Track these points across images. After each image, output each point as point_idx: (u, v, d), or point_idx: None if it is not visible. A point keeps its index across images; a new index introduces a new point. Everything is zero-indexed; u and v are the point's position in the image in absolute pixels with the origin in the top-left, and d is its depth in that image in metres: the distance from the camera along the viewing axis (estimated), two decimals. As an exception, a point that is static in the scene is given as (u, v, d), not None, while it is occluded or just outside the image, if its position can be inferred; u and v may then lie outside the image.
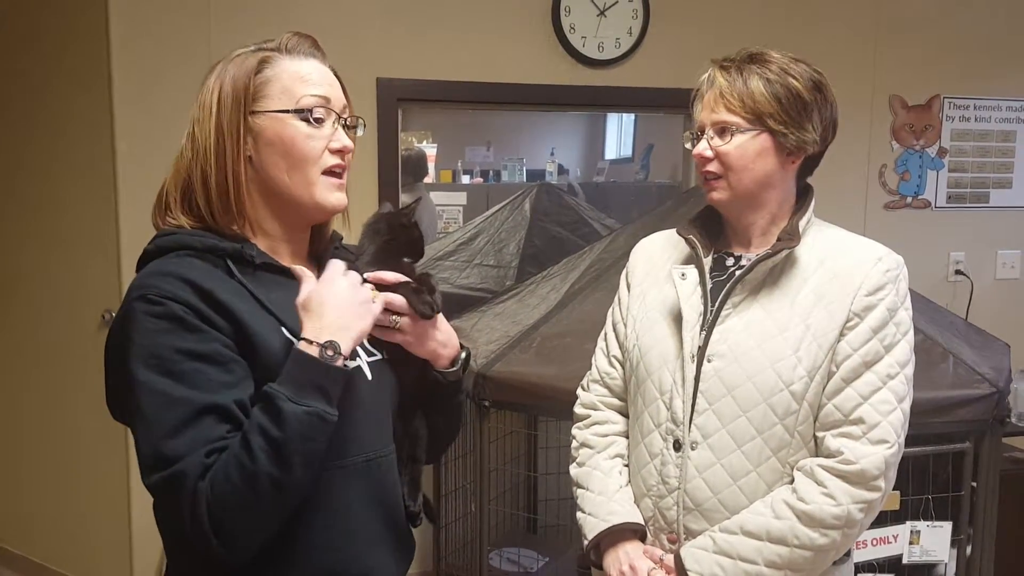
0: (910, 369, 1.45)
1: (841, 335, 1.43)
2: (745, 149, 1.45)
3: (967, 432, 2.29)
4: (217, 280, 1.14)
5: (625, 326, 1.63)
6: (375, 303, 1.21)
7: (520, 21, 3.25)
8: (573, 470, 1.67)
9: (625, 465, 1.61)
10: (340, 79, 1.27)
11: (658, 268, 1.61)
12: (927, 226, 3.80)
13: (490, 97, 3.28)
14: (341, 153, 1.23)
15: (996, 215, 3.90)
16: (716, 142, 1.47)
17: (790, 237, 1.47)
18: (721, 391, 1.45)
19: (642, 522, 1.55)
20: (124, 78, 2.92)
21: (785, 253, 1.46)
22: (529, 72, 3.26)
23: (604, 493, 1.58)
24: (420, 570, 3.07)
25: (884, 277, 1.44)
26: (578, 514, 1.62)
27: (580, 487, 1.63)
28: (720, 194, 1.49)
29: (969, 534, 2.37)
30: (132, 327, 1.10)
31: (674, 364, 1.50)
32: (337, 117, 1.23)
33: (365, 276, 1.24)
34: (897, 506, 2.30)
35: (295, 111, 1.19)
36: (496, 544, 2.96)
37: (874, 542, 2.35)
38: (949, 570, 2.40)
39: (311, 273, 1.20)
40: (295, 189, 1.21)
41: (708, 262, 1.53)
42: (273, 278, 1.21)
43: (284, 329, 1.17)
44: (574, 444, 1.69)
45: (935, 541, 2.38)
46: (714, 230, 1.58)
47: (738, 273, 1.49)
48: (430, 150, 6.38)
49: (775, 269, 1.48)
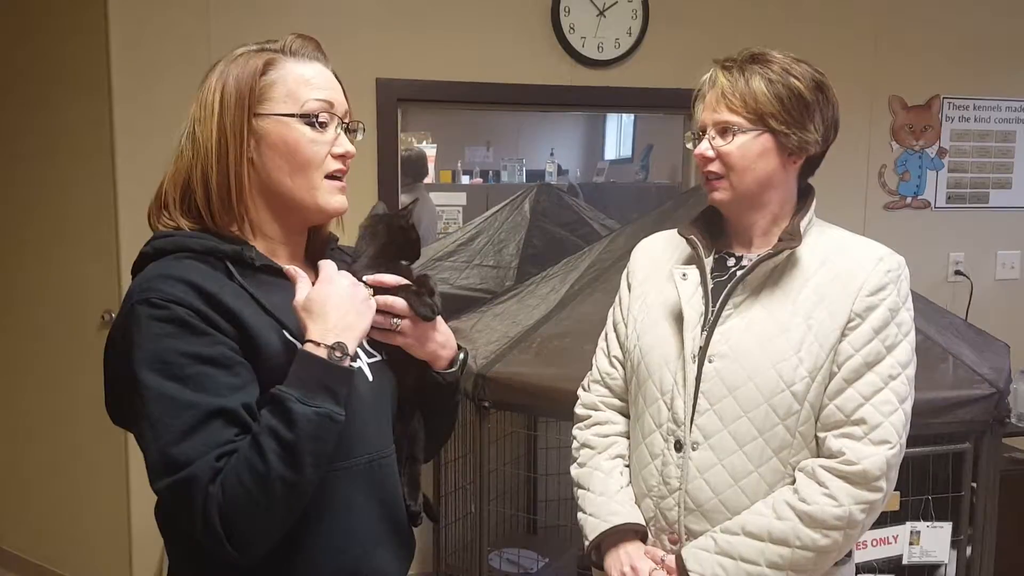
0: (912, 370, 1.45)
1: (843, 335, 1.43)
2: (747, 149, 1.45)
3: (967, 432, 2.29)
4: (218, 283, 1.13)
5: (626, 326, 1.63)
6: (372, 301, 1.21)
7: (520, 21, 3.25)
8: (574, 471, 1.66)
9: (626, 466, 1.61)
10: (341, 82, 1.27)
11: (659, 268, 1.61)
12: (927, 226, 3.80)
13: (490, 97, 3.28)
14: (343, 158, 1.23)
15: (996, 215, 3.90)
16: (718, 142, 1.47)
17: (791, 237, 1.47)
18: (722, 391, 1.45)
19: (643, 523, 1.54)
20: (124, 77, 2.91)
21: (787, 253, 1.46)
22: (529, 72, 3.26)
23: (605, 493, 1.57)
24: (420, 571, 3.06)
25: (886, 277, 1.44)
26: (579, 515, 1.62)
27: (581, 488, 1.63)
28: (722, 194, 1.49)
29: (969, 535, 2.37)
30: (136, 331, 1.09)
31: (675, 364, 1.50)
32: (340, 121, 1.23)
33: (365, 279, 1.24)
34: (897, 507, 2.29)
35: (300, 115, 1.19)
36: (496, 545, 2.96)
37: (874, 543, 2.34)
38: (949, 571, 2.40)
39: (304, 274, 1.20)
40: (297, 192, 1.21)
41: (709, 262, 1.53)
42: (272, 280, 1.20)
43: (285, 332, 1.17)
44: (575, 444, 1.68)
45: (935, 542, 2.37)
46: (715, 230, 1.58)
47: (739, 273, 1.49)
48: (430, 150, 6.37)
49: (776, 269, 1.48)
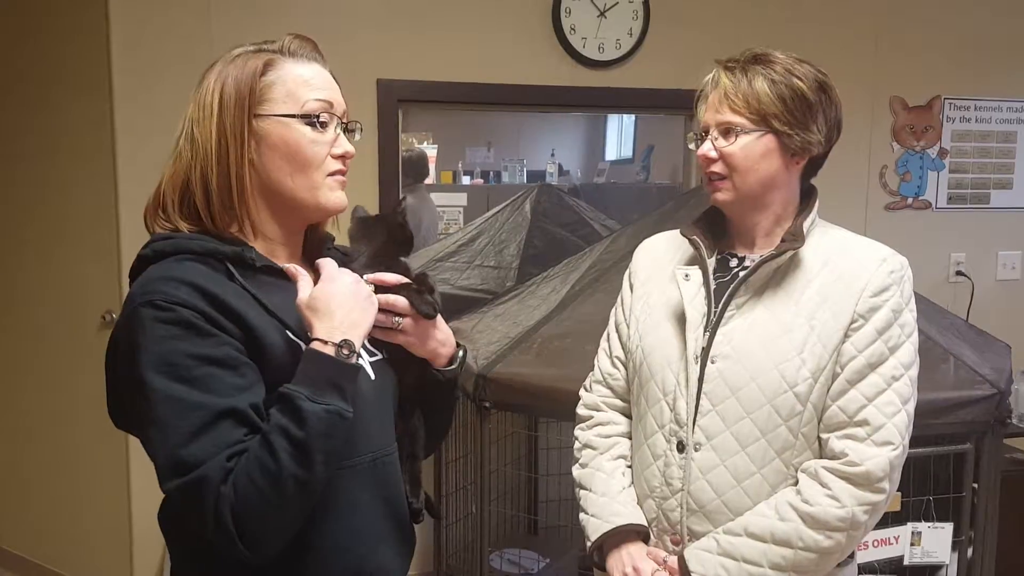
0: (915, 371, 1.45)
1: (846, 336, 1.42)
2: (750, 150, 1.45)
3: (968, 433, 2.28)
4: (220, 284, 1.13)
5: (628, 327, 1.62)
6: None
7: (520, 22, 3.25)
8: (576, 471, 1.66)
9: (628, 466, 1.61)
10: (338, 82, 1.26)
11: (661, 269, 1.61)
12: (928, 227, 3.80)
13: (491, 98, 3.28)
14: (343, 158, 1.24)
15: (997, 216, 3.90)
16: (721, 143, 1.46)
17: (794, 238, 1.47)
18: (725, 392, 1.45)
19: (645, 523, 1.54)
20: (125, 77, 2.91)
21: (789, 254, 1.46)
22: (529, 73, 3.26)
23: (607, 494, 1.57)
24: (421, 571, 3.06)
25: (889, 278, 1.44)
26: (581, 515, 1.61)
27: (583, 488, 1.63)
28: (724, 195, 1.49)
29: (970, 535, 2.36)
30: (140, 334, 1.08)
31: (678, 365, 1.49)
32: (339, 121, 1.24)
33: (366, 278, 1.25)
34: (898, 507, 2.29)
35: (301, 116, 1.19)
36: (497, 545, 2.95)
37: (875, 543, 2.34)
38: (950, 571, 2.40)
39: (306, 272, 1.20)
40: (299, 192, 1.21)
41: (712, 263, 1.53)
42: (272, 280, 1.20)
43: (288, 331, 1.17)
44: (577, 445, 1.68)
45: (936, 542, 2.37)
46: (718, 231, 1.57)
47: (742, 274, 1.49)
48: (430, 151, 6.38)
49: (779, 270, 1.47)
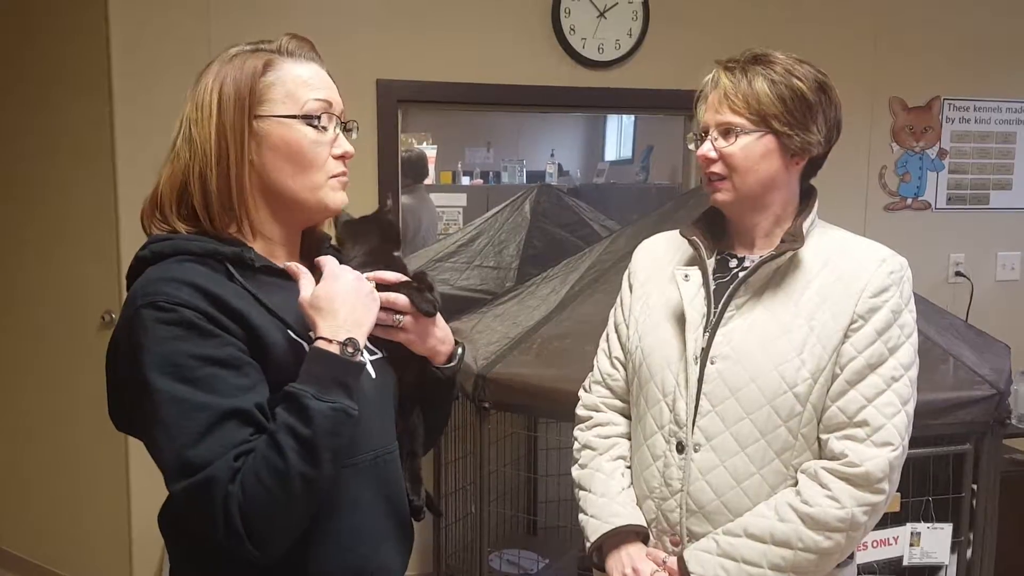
0: (914, 371, 1.45)
1: (845, 337, 1.42)
2: (750, 150, 1.45)
3: (967, 434, 2.28)
4: (221, 285, 1.13)
5: (627, 327, 1.62)
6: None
7: (520, 22, 3.25)
8: (575, 472, 1.66)
9: (627, 467, 1.61)
10: (334, 82, 1.26)
11: (661, 269, 1.61)
12: (927, 227, 3.79)
13: (490, 98, 3.28)
14: (343, 158, 1.24)
15: (996, 217, 3.90)
16: (720, 143, 1.46)
17: (794, 239, 1.47)
18: (724, 393, 1.45)
19: (645, 524, 1.54)
20: (124, 78, 2.91)
21: (789, 255, 1.46)
22: (529, 73, 3.26)
23: (606, 495, 1.57)
24: (420, 571, 3.06)
25: (888, 279, 1.44)
26: (580, 516, 1.61)
27: (582, 489, 1.62)
28: (724, 195, 1.49)
29: (969, 536, 2.36)
30: (143, 335, 1.08)
31: (677, 366, 1.49)
32: (338, 121, 1.24)
33: (366, 276, 1.25)
34: (898, 508, 2.29)
35: (302, 116, 1.19)
36: (496, 546, 2.95)
37: (874, 544, 2.34)
38: (950, 572, 2.40)
39: (307, 271, 1.20)
40: (300, 193, 1.21)
41: (711, 263, 1.53)
42: (272, 280, 1.20)
43: (289, 331, 1.17)
44: (576, 446, 1.68)
45: (935, 543, 2.37)
46: (717, 231, 1.57)
47: (741, 275, 1.49)
48: (430, 151, 6.37)
49: (779, 271, 1.47)
